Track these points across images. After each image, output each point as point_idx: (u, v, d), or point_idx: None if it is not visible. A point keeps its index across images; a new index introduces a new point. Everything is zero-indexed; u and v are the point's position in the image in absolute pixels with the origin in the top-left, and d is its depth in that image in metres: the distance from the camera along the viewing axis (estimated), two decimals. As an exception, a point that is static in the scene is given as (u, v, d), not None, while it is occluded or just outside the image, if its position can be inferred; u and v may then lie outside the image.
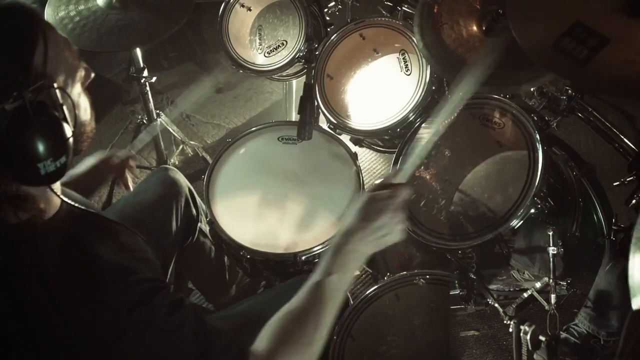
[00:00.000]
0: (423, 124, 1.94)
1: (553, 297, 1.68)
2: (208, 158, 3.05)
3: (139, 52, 2.45)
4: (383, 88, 2.20)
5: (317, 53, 2.21)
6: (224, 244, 2.01)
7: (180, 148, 3.11)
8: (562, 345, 2.28)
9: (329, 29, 2.36)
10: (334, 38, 2.23)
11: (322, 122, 2.28)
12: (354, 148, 2.23)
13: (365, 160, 3.05)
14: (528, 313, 1.77)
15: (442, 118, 1.64)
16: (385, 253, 2.49)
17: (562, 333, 2.33)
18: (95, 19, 2.17)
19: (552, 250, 1.70)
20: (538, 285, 1.79)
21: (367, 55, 2.25)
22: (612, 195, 2.13)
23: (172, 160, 3.03)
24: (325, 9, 2.42)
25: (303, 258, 1.93)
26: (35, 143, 1.05)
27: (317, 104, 2.19)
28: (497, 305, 1.81)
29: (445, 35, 1.86)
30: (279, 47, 2.31)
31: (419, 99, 2.07)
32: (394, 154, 2.06)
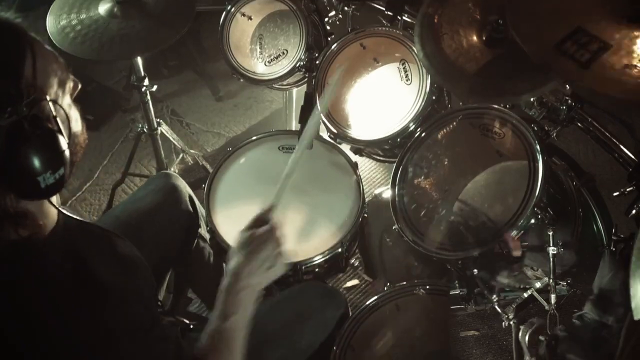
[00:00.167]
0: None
1: (553, 297, 1.68)
2: (208, 167, 3.05)
3: (140, 60, 2.45)
4: (383, 97, 2.20)
5: (317, 62, 2.21)
6: (224, 253, 2.00)
7: (180, 157, 3.12)
8: (578, 336, 2.30)
9: (330, 39, 2.36)
10: (335, 47, 2.23)
11: (322, 130, 2.28)
12: (354, 157, 2.24)
13: (365, 169, 3.05)
14: (528, 313, 1.77)
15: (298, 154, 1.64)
16: (386, 263, 2.50)
17: (574, 320, 2.34)
18: (97, 28, 2.17)
19: (552, 250, 1.70)
20: (538, 285, 1.79)
21: (367, 65, 2.25)
22: (611, 205, 2.13)
23: (172, 169, 3.03)
24: (326, 19, 2.42)
25: (303, 268, 1.93)
26: (33, 157, 1.05)
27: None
28: (497, 306, 1.81)
29: (446, 46, 1.86)
30: (280, 56, 2.32)
31: (420, 109, 2.07)
32: (394, 164, 2.06)
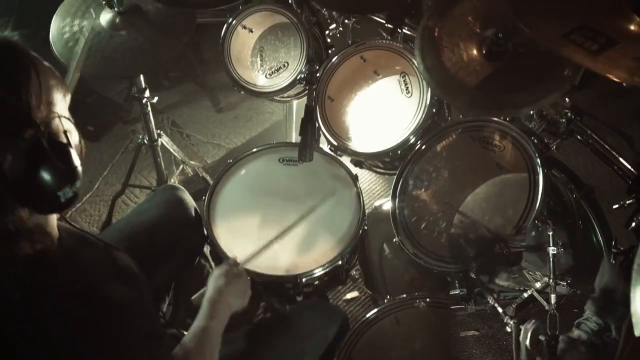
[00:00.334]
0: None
1: (553, 297, 1.67)
2: (208, 178, 3.05)
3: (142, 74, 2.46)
4: (384, 110, 2.20)
5: (318, 75, 2.21)
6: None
7: (181, 168, 3.12)
8: (578, 344, 2.29)
9: (330, 51, 2.36)
10: (335, 60, 2.23)
11: (322, 142, 2.29)
12: (355, 170, 2.24)
13: (365, 181, 3.05)
14: (528, 313, 1.77)
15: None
16: (386, 276, 2.49)
17: (574, 330, 2.33)
18: (99, 41, 2.18)
19: (552, 250, 1.71)
20: (538, 285, 1.79)
21: (367, 77, 2.26)
22: (611, 218, 2.13)
23: (172, 180, 3.03)
24: (327, 31, 2.43)
25: (304, 280, 1.93)
26: (54, 174, 1.09)
27: (318, 126, 2.19)
28: (497, 306, 1.81)
29: (446, 59, 1.87)
30: (281, 68, 2.32)
31: (420, 122, 2.08)
32: (395, 176, 2.06)
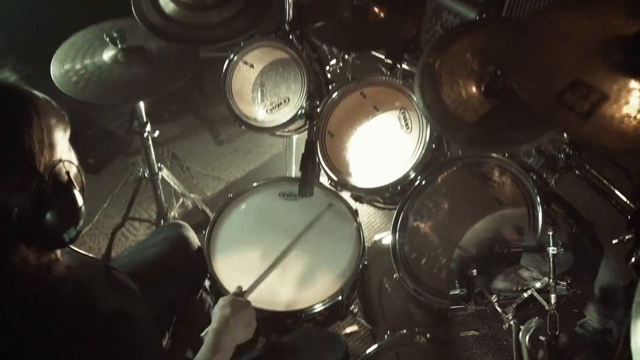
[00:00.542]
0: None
1: (553, 297, 1.67)
2: (208, 211, 3.05)
3: (142, 106, 2.48)
4: (384, 145, 2.22)
5: (318, 110, 2.23)
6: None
7: (181, 201, 3.12)
8: (581, 342, 2.27)
9: (331, 87, 2.39)
10: (335, 96, 2.25)
11: (322, 176, 2.29)
12: (355, 204, 2.25)
13: (364, 215, 3.06)
14: (528, 313, 1.76)
15: None
16: (385, 310, 2.49)
17: (578, 329, 2.32)
18: (100, 73, 2.20)
19: (552, 250, 1.71)
20: (538, 285, 1.78)
21: (367, 113, 2.28)
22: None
23: (172, 213, 3.03)
24: (327, 67, 2.46)
25: (303, 316, 1.92)
26: (59, 219, 1.13)
27: (318, 161, 2.20)
28: (497, 305, 1.81)
29: (445, 95, 1.89)
30: (281, 104, 2.34)
31: (420, 157, 2.09)
32: (395, 211, 2.07)
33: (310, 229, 2.13)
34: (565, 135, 1.86)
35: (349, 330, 2.63)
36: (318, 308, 1.92)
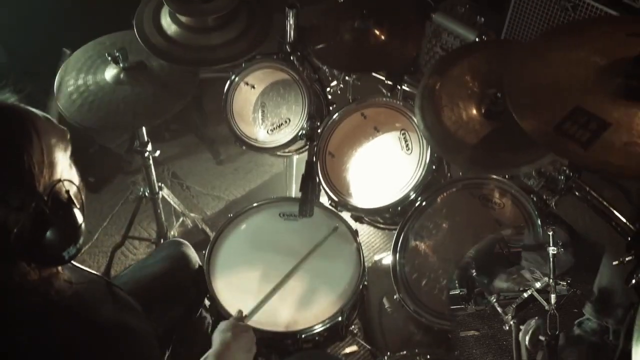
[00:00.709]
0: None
1: (553, 297, 1.67)
2: (208, 230, 3.05)
3: (145, 127, 2.49)
4: (384, 166, 2.23)
5: (319, 131, 2.24)
6: (223, 320, 1.99)
7: (181, 220, 3.12)
8: (579, 343, 2.27)
9: (331, 108, 2.40)
10: (336, 117, 2.27)
11: (322, 196, 2.30)
12: (355, 225, 2.25)
13: (364, 235, 3.05)
14: (528, 313, 1.76)
15: None
16: (385, 330, 2.48)
17: (576, 329, 2.32)
18: (103, 95, 2.21)
19: (552, 250, 1.71)
20: (538, 285, 1.78)
21: (368, 134, 2.29)
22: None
23: (172, 232, 3.03)
24: (328, 88, 2.47)
25: (303, 336, 1.91)
26: (58, 238, 1.13)
27: (318, 182, 2.21)
28: (497, 305, 1.80)
29: (446, 118, 1.90)
30: (282, 124, 2.35)
31: (420, 178, 2.10)
32: (395, 231, 2.07)
33: (311, 249, 2.12)
34: (565, 157, 1.87)
35: (349, 351, 2.61)
36: (318, 328, 1.92)
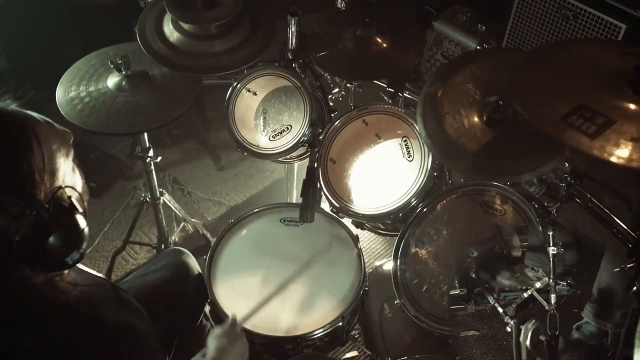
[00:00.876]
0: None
1: (553, 297, 1.68)
2: (208, 235, 3.06)
3: (145, 132, 2.50)
4: (385, 173, 2.24)
5: (320, 138, 2.25)
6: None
7: (182, 225, 3.13)
8: (578, 347, 2.27)
9: (333, 115, 2.41)
10: (338, 124, 2.27)
11: (323, 202, 2.31)
12: (356, 230, 2.26)
13: (365, 240, 3.06)
14: (528, 313, 1.77)
15: None
16: (386, 335, 2.48)
17: (574, 333, 2.32)
18: (104, 101, 2.23)
19: (552, 250, 1.71)
20: (538, 285, 1.79)
21: (369, 141, 2.30)
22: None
23: (173, 238, 3.03)
24: (329, 95, 2.48)
25: (304, 341, 1.92)
26: (61, 244, 1.13)
27: (319, 188, 2.21)
28: (497, 305, 1.81)
29: (447, 125, 1.91)
30: (284, 131, 2.35)
31: (421, 185, 2.10)
32: (396, 237, 2.07)
33: (312, 255, 2.13)
34: (567, 165, 1.88)
35: (349, 356, 2.62)
36: (318, 333, 1.93)
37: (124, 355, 1.26)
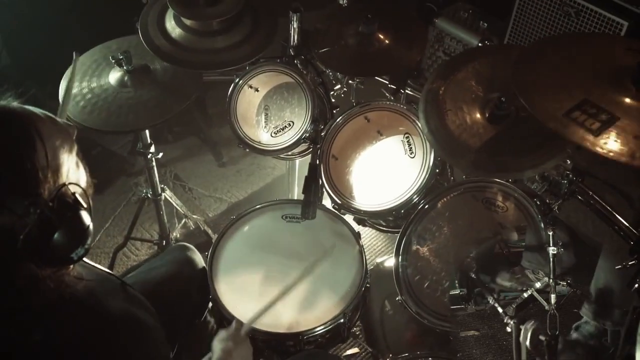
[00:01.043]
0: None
1: (553, 297, 1.68)
2: (210, 232, 3.06)
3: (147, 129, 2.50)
4: (387, 169, 2.23)
5: (322, 134, 2.25)
6: (225, 322, 2.00)
7: (183, 222, 3.13)
8: (577, 347, 2.27)
9: (335, 111, 2.41)
10: (340, 120, 2.27)
11: (325, 199, 2.31)
12: (357, 227, 2.26)
13: (367, 237, 3.06)
14: (528, 313, 1.77)
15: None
16: (387, 332, 2.48)
17: (573, 333, 2.32)
18: (106, 97, 2.23)
19: (552, 250, 1.72)
20: (538, 285, 1.79)
21: (371, 137, 2.30)
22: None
23: (174, 234, 3.03)
24: (331, 91, 2.48)
25: (305, 338, 1.92)
26: (66, 239, 1.14)
27: (321, 184, 2.21)
28: (497, 305, 1.81)
29: (450, 121, 1.91)
30: (286, 127, 2.35)
31: (423, 182, 2.10)
32: (397, 234, 2.07)
33: (313, 252, 2.14)
34: (569, 162, 1.88)
35: (350, 352, 2.62)
36: (320, 330, 1.93)
37: (130, 347, 1.27)
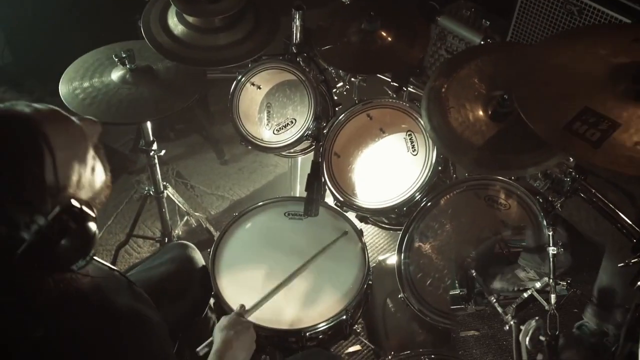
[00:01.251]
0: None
1: (553, 297, 1.68)
2: (212, 229, 3.06)
3: (149, 125, 2.50)
4: (390, 167, 2.23)
5: (325, 132, 2.25)
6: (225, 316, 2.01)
7: (185, 219, 3.13)
8: (578, 344, 2.27)
9: (337, 109, 2.41)
10: (342, 118, 2.27)
11: (327, 195, 2.31)
12: (360, 225, 2.26)
13: (369, 235, 3.07)
14: (528, 313, 1.77)
15: None
16: (389, 330, 2.49)
17: (575, 331, 2.32)
18: (107, 92, 2.23)
19: (552, 250, 1.72)
20: (538, 285, 1.79)
21: (374, 135, 2.30)
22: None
23: (176, 231, 3.04)
24: (334, 89, 2.48)
25: (307, 334, 1.92)
26: (69, 252, 1.14)
27: (324, 182, 2.22)
28: (497, 306, 1.81)
29: (452, 119, 1.91)
30: (288, 125, 2.35)
31: (426, 179, 2.10)
32: (400, 231, 2.08)
33: (316, 248, 2.13)
34: (571, 159, 1.88)
35: (352, 350, 2.63)
36: (322, 327, 1.93)
37: (135, 342, 1.27)
